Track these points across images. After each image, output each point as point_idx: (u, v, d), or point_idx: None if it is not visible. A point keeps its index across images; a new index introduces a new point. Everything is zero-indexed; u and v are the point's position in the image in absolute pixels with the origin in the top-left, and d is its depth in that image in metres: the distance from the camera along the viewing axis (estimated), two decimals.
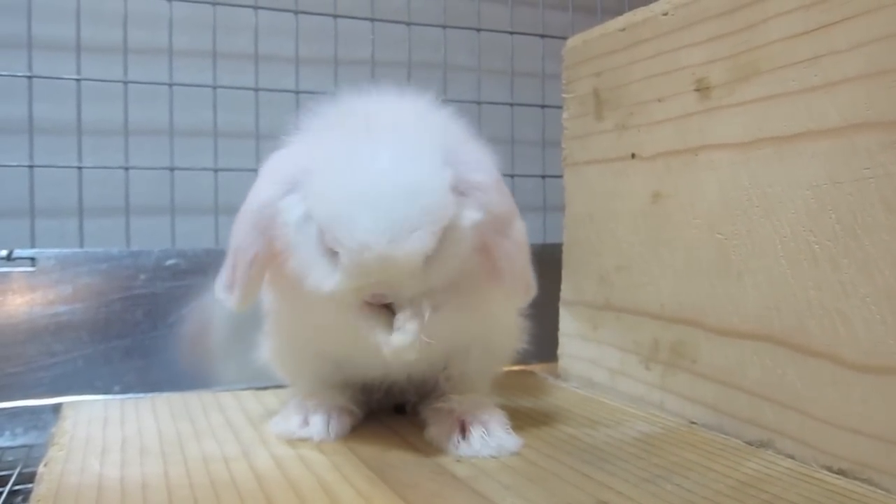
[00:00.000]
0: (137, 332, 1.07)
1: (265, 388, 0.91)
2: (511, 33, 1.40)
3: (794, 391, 0.67)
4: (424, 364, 0.72)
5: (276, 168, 0.66)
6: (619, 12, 0.92)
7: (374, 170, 0.58)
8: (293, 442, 0.71)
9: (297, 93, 1.25)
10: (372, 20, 1.30)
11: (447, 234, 0.60)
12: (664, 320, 0.84)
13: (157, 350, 1.07)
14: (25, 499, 0.63)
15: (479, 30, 1.38)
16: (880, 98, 0.60)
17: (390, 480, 0.61)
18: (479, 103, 1.37)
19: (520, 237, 0.67)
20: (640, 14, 0.87)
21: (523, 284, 0.68)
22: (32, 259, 1.05)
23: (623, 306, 0.91)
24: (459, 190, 0.62)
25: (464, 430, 0.69)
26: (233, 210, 1.21)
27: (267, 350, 0.80)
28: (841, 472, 0.63)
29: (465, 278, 0.65)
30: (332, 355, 0.73)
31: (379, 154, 0.59)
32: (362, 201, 0.57)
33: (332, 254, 0.60)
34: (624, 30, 0.90)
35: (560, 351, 1.03)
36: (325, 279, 0.60)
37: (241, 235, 0.66)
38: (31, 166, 1.11)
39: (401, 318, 0.61)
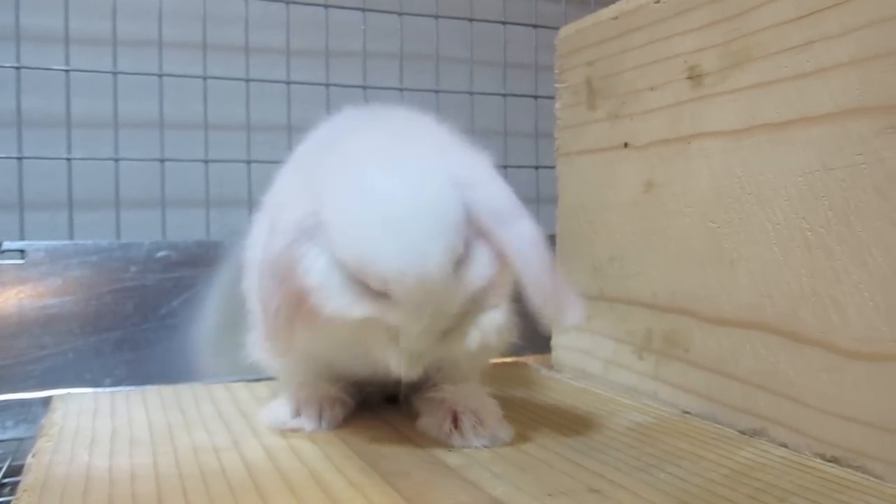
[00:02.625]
0: (128, 325, 1.06)
1: (257, 380, 0.90)
2: (504, 24, 1.40)
3: (787, 379, 0.67)
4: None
5: (286, 215, 0.64)
6: (612, 3, 0.91)
7: (385, 200, 0.58)
8: (284, 432, 0.71)
9: (289, 84, 1.24)
10: (363, 10, 1.29)
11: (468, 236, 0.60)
12: (657, 310, 0.83)
13: (148, 342, 1.07)
14: (14, 491, 0.62)
15: (471, 20, 1.37)
16: (873, 83, 0.59)
17: (382, 470, 0.61)
18: (471, 94, 1.36)
19: (529, 232, 0.62)
20: (632, 2, 0.87)
21: (552, 297, 0.62)
22: (22, 251, 1.04)
23: (616, 296, 0.90)
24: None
25: (456, 420, 0.69)
26: (224, 202, 1.23)
27: (256, 345, 0.80)
28: (834, 460, 0.63)
29: None
30: (327, 360, 0.73)
31: (385, 183, 0.59)
32: (381, 234, 0.57)
33: (369, 293, 0.59)
34: (616, 18, 0.89)
35: (553, 342, 1.02)
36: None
37: (262, 289, 0.63)
38: (20, 158, 1.10)
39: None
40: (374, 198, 0.58)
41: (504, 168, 1.35)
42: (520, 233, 0.61)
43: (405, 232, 0.57)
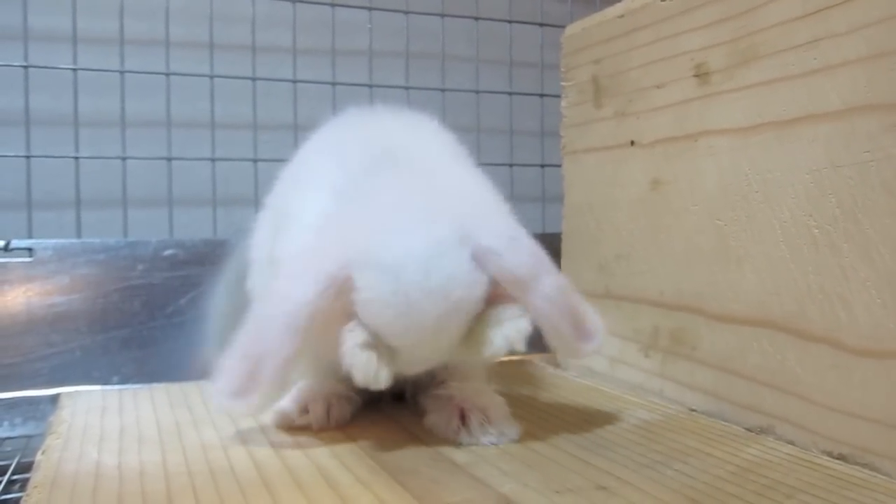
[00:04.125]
0: (135, 323, 1.06)
1: None
2: (510, 22, 1.40)
3: (794, 377, 0.67)
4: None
5: (312, 264, 0.63)
6: (618, 1, 0.91)
7: (405, 280, 0.59)
8: (292, 429, 0.71)
9: (295, 82, 1.25)
10: (370, 9, 1.30)
11: None
12: (664, 307, 0.83)
13: (155, 340, 1.07)
14: (23, 488, 0.62)
15: (477, 19, 1.37)
16: (880, 80, 0.59)
17: (389, 467, 0.61)
18: (477, 92, 1.36)
19: (550, 290, 0.63)
20: (638, 0, 0.87)
21: (570, 336, 0.65)
22: (30, 250, 1.04)
23: (623, 294, 0.90)
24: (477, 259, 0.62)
25: (463, 418, 0.69)
26: (230, 200, 1.23)
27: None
28: (841, 458, 0.63)
29: None
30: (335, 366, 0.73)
31: (411, 265, 0.60)
32: (399, 310, 0.59)
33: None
34: (623, 16, 0.89)
35: None
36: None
37: (270, 340, 0.62)
38: (28, 157, 1.11)
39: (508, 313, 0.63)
40: (396, 275, 0.59)
41: (510, 166, 1.35)
42: (544, 292, 0.63)
43: (421, 316, 0.59)
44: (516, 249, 0.64)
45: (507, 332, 0.61)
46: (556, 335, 0.65)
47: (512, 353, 0.64)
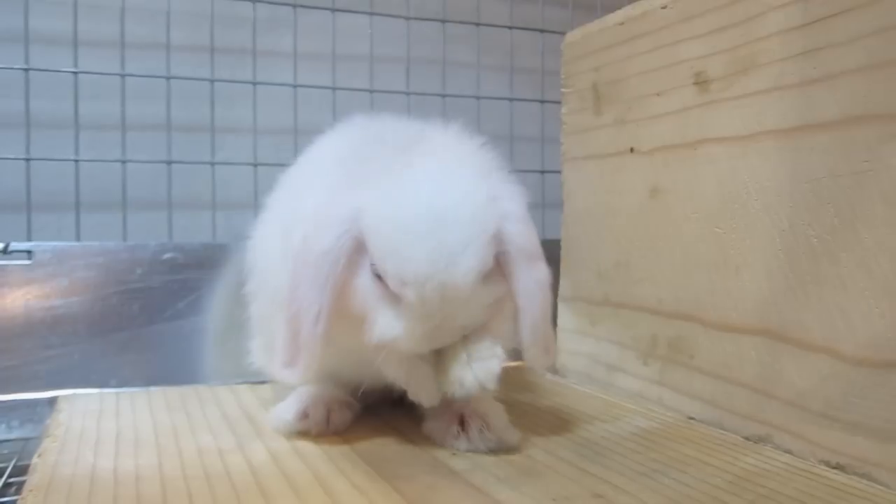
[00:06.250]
0: (134, 326, 1.06)
1: (262, 382, 0.90)
2: (510, 28, 1.40)
3: (792, 386, 0.67)
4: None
5: (329, 213, 0.63)
6: (619, 8, 0.91)
7: (421, 201, 0.60)
8: (289, 435, 0.71)
9: (295, 87, 1.25)
10: (371, 14, 1.30)
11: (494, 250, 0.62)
12: (662, 315, 0.83)
13: (153, 344, 1.07)
14: (19, 491, 0.62)
15: (478, 25, 1.37)
16: (879, 90, 0.59)
17: (386, 473, 0.61)
18: (478, 98, 1.36)
19: (543, 277, 0.65)
20: (638, 8, 0.87)
21: (542, 341, 0.66)
22: (29, 252, 1.04)
23: (621, 302, 0.90)
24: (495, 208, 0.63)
25: (462, 424, 0.69)
26: (230, 204, 1.23)
27: (259, 350, 0.80)
28: (839, 467, 0.63)
29: None
30: (339, 369, 0.73)
31: (423, 185, 0.60)
32: (414, 233, 0.59)
33: (396, 301, 0.60)
34: (623, 24, 0.89)
35: (558, 347, 1.02)
36: (389, 328, 0.61)
37: (301, 295, 0.62)
38: (27, 159, 1.11)
39: (478, 352, 0.62)
40: (417, 200, 0.59)
41: (510, 172, 1.35)
42: (536, 276, 0.64)
43: (432, 236, 0.58)
44: (529, 223, 0.65)
45: (478, 374, 0.62)
46: (533, 326, 0.64)
47: (514, 359, 0.64)
